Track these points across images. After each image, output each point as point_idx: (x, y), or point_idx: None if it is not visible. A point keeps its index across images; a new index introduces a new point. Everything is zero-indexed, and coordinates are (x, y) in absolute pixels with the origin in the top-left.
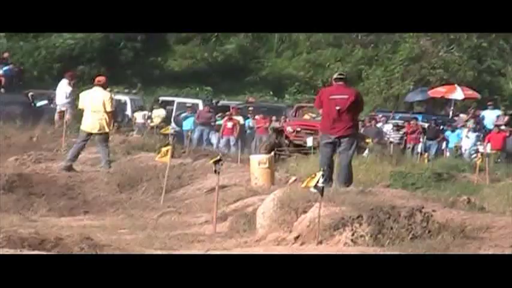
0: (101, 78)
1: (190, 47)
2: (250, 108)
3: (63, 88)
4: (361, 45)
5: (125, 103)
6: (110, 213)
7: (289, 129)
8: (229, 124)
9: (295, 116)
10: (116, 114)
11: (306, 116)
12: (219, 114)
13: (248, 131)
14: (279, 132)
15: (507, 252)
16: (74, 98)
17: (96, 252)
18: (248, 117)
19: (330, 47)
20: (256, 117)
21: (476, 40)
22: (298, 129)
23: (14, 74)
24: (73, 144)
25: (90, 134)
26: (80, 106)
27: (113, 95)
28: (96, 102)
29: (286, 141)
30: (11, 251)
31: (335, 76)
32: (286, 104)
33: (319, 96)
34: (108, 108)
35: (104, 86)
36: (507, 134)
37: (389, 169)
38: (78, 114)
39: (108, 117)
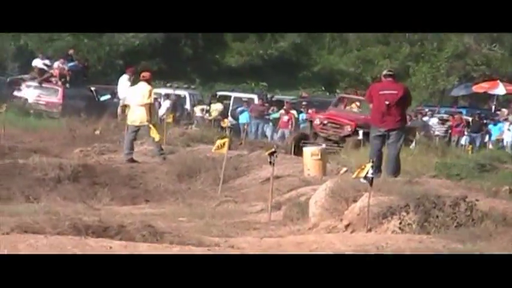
0: (146, 74)
1: (246, 44)
2: (304, 103)
3: (125, 83)
4: (409, 43)
5: (184, 98)
6: (169, 202)
7: (316, 121)
8: (285, 118)
9: (336, 106)
10: (176, 107)
11: (353, 106)
12: (273, 108)
13: (302, 125)
14: (310, 123)
15: None
16: None
17: (156, 239)
18: (302, 111)
19: (379, 45)
20: (309, 111)
21: None
22: (325, 122)
23: (79, 70)
24: (124, 138)
25: (137, 126)
26: (126, 102)
27: (152, 89)
28: (138, 97)
29: (313, 133)
30: (76, 238)
31: (384, 72)
32: None
33: (369, 91)
34: (146, 101)
35: (149, 81)
36: None
37: (435, 160)
38: None
39: (146, 109)
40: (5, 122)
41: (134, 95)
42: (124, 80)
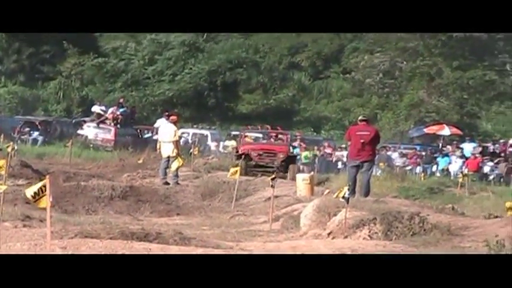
0: (173, 117)
1: (254, 95)
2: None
3: (163, 126)
4: (377, 95)
5: (207, 136)
6: (195, 215)
7: (253, 153)
8: None
9: (240, 141)
10: (196, 143)
11: (247, 139)
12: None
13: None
14: (246, 156)
15: (481, 245)
16: None
17: (185, 243)
18: (296, 147)
19: (354, 96)
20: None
21: (460, 93)
22: (261, 153)
23: (127, 114)
24: (159, 166)
25: (168, 157)
26: (159, 139)
27: (177, 129)
28: (167, 135)
29: (253, 163)
30: (124, 242)
31: (360, 118)
32: (322, 137)
33: (348, 131)
34: (173, 139)
35: (176, 123)
36: (480, 160)
37: (396, 184)
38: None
39: (174, 144)
40: (71, 153)
41: (164, 134)
42: (163, 122)
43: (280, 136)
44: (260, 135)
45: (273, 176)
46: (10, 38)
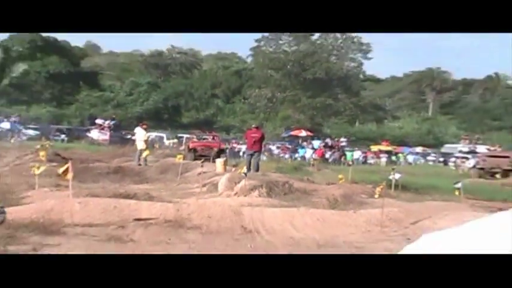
0: (144, 126)
1: (191, 113)
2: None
3: (138, 130)
4: (263, 113)
5: (163, 137)
6: (156, 183)
7: (198, 148)
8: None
9: (189, 141)
10: (157, 141)
11: (194, 139)
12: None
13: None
14: (194, 149)
15: (324, 200)
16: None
17: (150, 199)
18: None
19: (249, 113)
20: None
21: (311, 111)
22: (203, 147)
23: (117, 124)
24: (135, 155)
25: (141, 150)
26: (136, 138)
27: (146, 132)
28: (140, 136)
29: (198, 154)
30: (116, 200)
31: (253, 126)
32: (231, 137)
33: (246, 134)
34: (143, 138)
35: (146, 129)
36: (323, 150)
37: (275, 165)
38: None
39: (144, 142)
40: (83, 148)
41: (139, 136)
42: (138, 129)
43: (215, 137)
44: (205, 137)
45: (202, 160)
46: (47, 82)
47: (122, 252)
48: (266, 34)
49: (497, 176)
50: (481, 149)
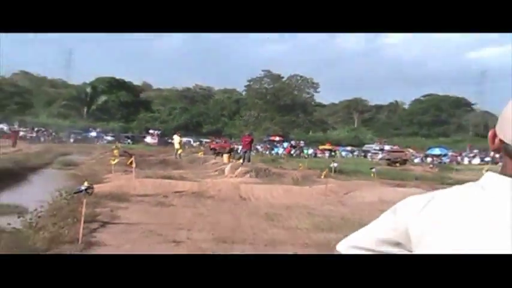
0: (179, 133)
1: (210, 126)
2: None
3: (175, 137)
4: (253, 126)
5: (190, 140)
6: (186, 169)
7: (217, 148)
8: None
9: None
10: (185, 144)
11: (214, 143)
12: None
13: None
14: (214, 149)
15: (291, 180)
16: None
17: (183, 180)
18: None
19: (244, 127)
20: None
21: (283, 125)
22: (220, 147)
23: (162, 133)
24: (174, 152)
25: (177, 149)
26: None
27: (180, 138)
28: (176, 140)
29: (216, 151)
30: (159, 180)
31: (247, 134)
32: (234, 141)
33: (242, 139)
34: (179, 140)
35: (179, 136)
36: (290, 149)
37: (259, 158)
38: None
39: (178, 144)
40: (141, 148)
41: (176, 140)
42: (175, 136)
43: (225, 141)
44: (217, 140)
45: (216, 155)
46: (118, 107)
47: (162, 214)
48: (254, 76)
49: (397, 164)
50: (387, 147)
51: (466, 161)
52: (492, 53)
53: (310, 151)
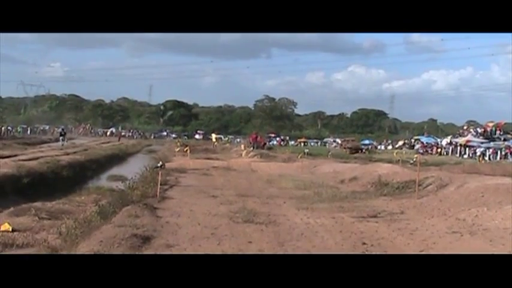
0: (215, 132)
1: (231, 128)
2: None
3: (213, 135)
4: (258, 128)
5: (221, 137)
6: (220, 154)
7: (253, 141)
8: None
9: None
10: (219, 139)
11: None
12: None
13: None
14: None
15: (281, 159)
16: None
17: (212, 160)
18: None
19: (253, 128)
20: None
21: (276, 128)
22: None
23: (205, 132)
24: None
25: (213, 142)
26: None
27: (216, 135)
28: (213, 137)
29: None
30: (202, 160)
31: (254, 132)
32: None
33: (251, 135)
34: (216, 136)
35: (216, 134)
36: (280, 141)
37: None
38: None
39: (215, 139)
40: (193, 142)
41: (213, 136)
42: (213, 134)
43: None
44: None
45: (243, 146)
46: (180, 118)
47: (206, 180)
48: (259, 98)
49: (348, 150)
50: (338, 140)
51: (383, 147)
52: (398, 84)
53: (292, 142)
